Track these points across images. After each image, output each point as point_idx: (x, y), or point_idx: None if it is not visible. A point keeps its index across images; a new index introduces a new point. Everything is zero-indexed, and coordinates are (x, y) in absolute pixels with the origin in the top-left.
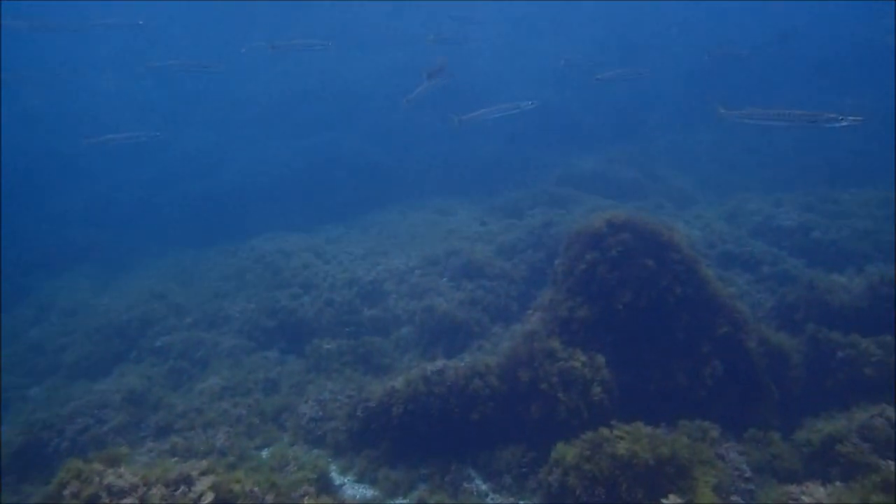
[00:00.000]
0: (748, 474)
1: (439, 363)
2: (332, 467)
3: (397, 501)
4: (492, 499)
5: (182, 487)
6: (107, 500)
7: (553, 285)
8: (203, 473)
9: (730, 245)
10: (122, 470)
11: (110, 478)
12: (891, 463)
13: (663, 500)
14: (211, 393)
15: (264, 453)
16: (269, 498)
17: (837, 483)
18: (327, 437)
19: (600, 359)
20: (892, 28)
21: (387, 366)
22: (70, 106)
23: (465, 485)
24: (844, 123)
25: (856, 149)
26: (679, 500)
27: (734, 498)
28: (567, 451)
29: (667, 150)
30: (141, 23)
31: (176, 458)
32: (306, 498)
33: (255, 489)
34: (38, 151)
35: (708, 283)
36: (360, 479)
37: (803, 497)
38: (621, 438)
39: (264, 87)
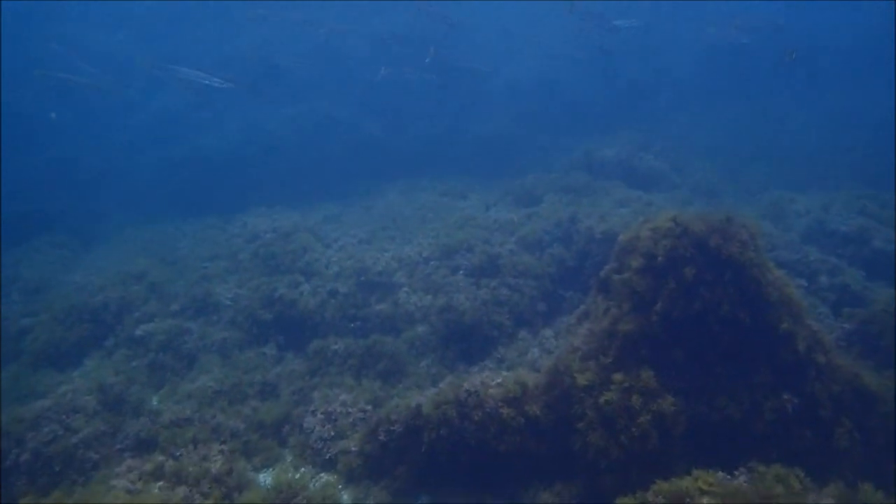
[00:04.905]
0: None
1: (476, 381)
2: (344, 497)
3: None
4: None
5: None
6: None
7: (601, 294)
8: None
9: (781, 251)
10: None
11: None
12: None
13: None
14: (201, 397)
15: (265, 478)
16: None
17: None
18: (339, 461)
19: (659, 388)
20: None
21: (401, 371)
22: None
23: None
24: None
25: (881, 147)
26: None
27: None
28: None
29: (679, 134)
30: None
31: (161, 484)
32: None
33: None
34: None
35: (791, 302)
36: None
37: None
38: (703, 492)
39: (252, 47)
